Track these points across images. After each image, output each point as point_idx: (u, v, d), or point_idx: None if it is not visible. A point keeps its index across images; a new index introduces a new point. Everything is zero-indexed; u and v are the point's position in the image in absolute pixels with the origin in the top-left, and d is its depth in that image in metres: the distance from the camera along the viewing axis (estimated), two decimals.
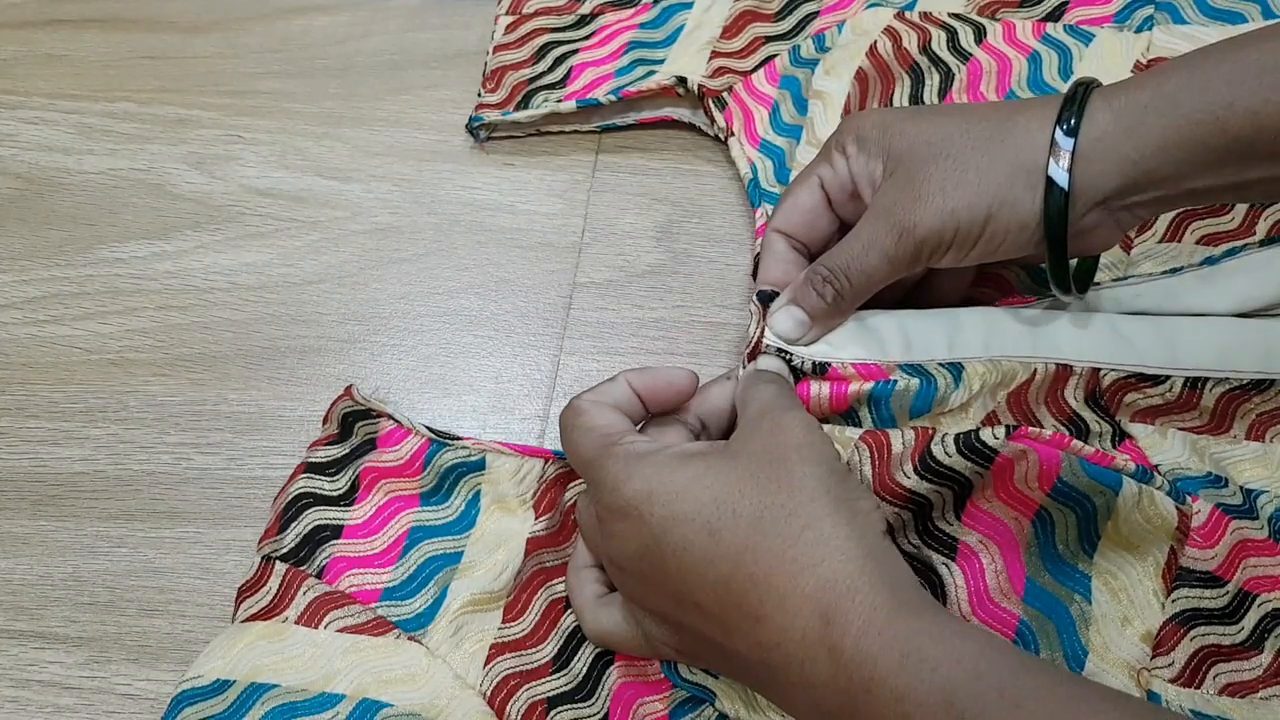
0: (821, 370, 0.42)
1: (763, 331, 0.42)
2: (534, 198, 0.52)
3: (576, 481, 0.42)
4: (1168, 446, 0.40)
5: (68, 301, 0.50)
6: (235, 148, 0.54)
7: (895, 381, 0.41)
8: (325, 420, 0.45)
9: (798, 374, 0.43)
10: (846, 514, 0.32)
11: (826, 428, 0.40)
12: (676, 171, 0.52)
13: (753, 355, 0.43)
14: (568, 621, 0.40)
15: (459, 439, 0.43)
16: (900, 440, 0.38)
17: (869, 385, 0.41)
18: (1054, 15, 0.50)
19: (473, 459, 0.43)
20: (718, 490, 0.32)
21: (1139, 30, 0.49)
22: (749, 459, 0.34)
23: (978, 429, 0.37)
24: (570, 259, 0.50)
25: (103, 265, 0.51)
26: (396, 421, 0.44)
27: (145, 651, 0.42)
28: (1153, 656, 0.36)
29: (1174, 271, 0.43)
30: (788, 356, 0.43)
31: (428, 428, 0.43)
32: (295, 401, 0.47)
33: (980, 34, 0.50)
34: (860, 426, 0.41)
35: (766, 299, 0.42)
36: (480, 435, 0.46)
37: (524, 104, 0.53)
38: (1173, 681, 0.36)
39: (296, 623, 0.40)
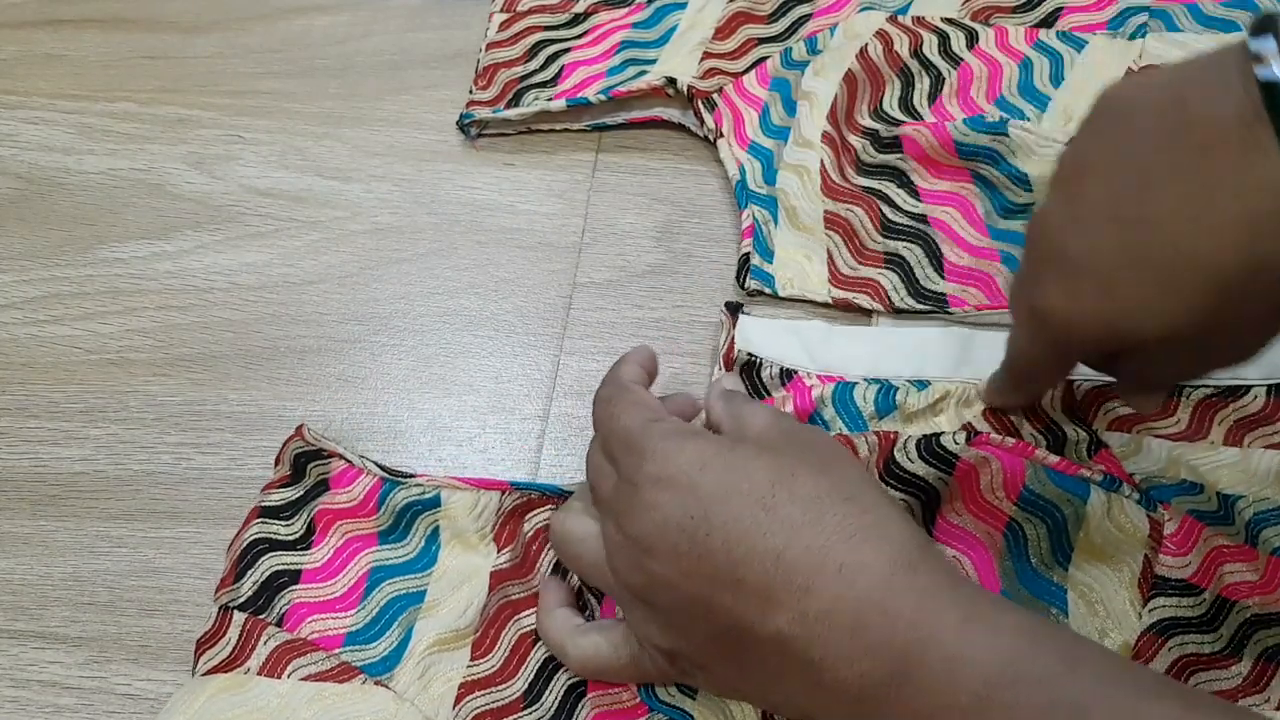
0: (787, 378, 0.43)
1: (733, 340, 0.44)
2: (534, 198, 0.52)
3: (535, 511, 0.41)
4: (1143, 454, 0.40)
5: (68, 301, 0.50)
6: (235, 148, 0.54)
7: (856, 384, 0.43)
8: (277, 462, 0.44)
9: (763, 388, 0.44)
10: (896, 505, 0.33)
11: None
12: (676, 171, 0.52)
13: (727, 361, 0.44)
14: (538, 655, 0.39)
15: (412, 476, 0.42)
16: (865, 445, 0.38)
17: (831, 385, 0.43)
18: (1047, 21, 0.50)
19: (427, 496, 0.42)
20: (772, 472, 0.32)
21: (1132, 37, 0.49)
22: (795, 450, 0.34)
23: (939, 434, 0.38)
24: (570, 259, 0.50)
25: (103, 265, 0.51)
26: (347, 461, 0.43)
27: (145, 651, 0.42)
28: None
29: None
30: (757, 362, 0.44)
31: (379, 466, 0.42)
32: (295, 401, 0.47)
33: (972, 39, 0.50)
34: (828, 428, 0.42)
35: (735, 309, 0.45)
36: (480, 435, 0.46)
37: (515, 102, 0.53)
38: None
39: (259, 673, 0.39)
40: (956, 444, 0.37)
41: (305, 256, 0.51)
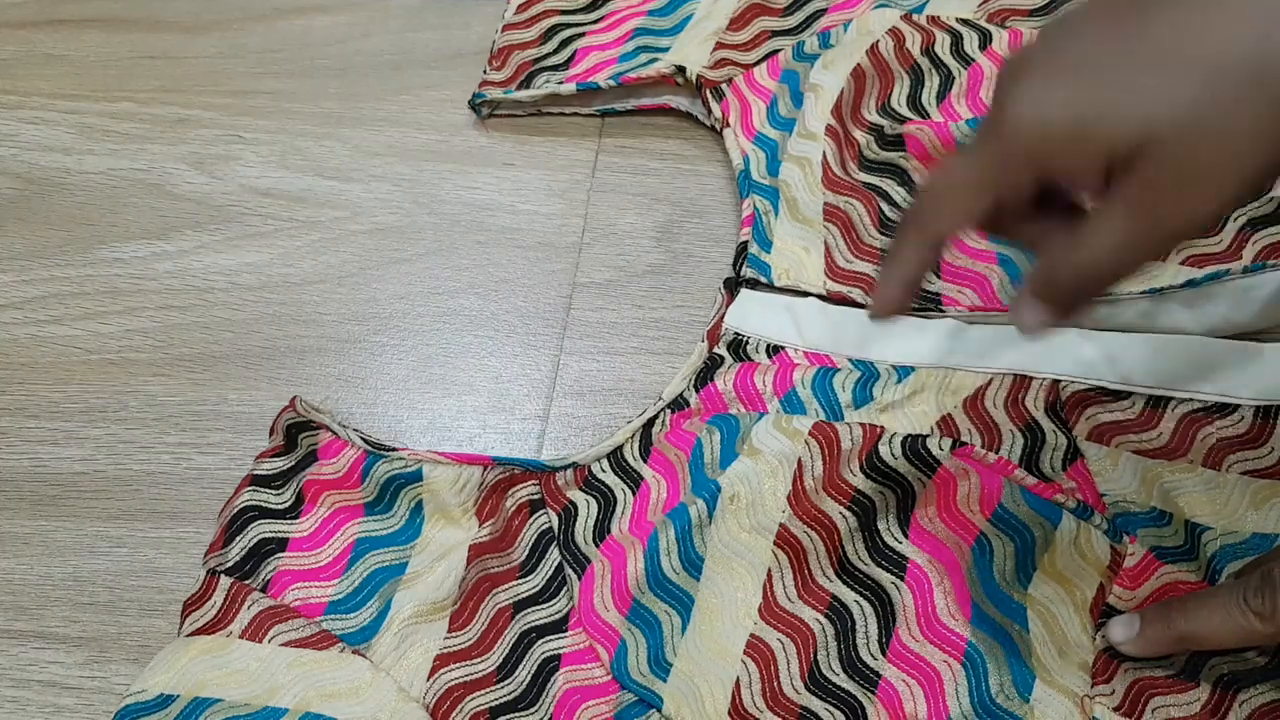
0: (773, 352, 0.44)
1: (722, 316, 0.45)
2: (534, 198, 0.52)
3: (518, 486, 0.42)
4: (1117, 474, 0.40)
5: (68, 301, 0.50)
6: (235, 148, 0.54)
7: (839, 370, 0.43)
8: (272, 432, 0.45)
9: (747, 356, 0.45)
10: None
11: (773, 414, 0.41)
12: (676, 171, 0.52)
13: (713, 335, 0.45)
14: (514, 630, 0.40)
15: (394, 450, 0.42)
16: (849, 437, 0.39)
17: (813, 369, 0.43)
18: None
19: (409, 470, 0.42)
20: None
21: None
22: None
23: (924, 436, 0.38)
24: (570, 259, 0.50)
25: (103, 265, 0.51)
26: (333, 433, 0.43)
27: (145, 651, 0.42)
28: (1093, 684, 0.37)
29: (1154, 292, 0.42)
30: (744, 340, 0.45)
31: (363, 438, 0.43)
32: None
33: (985, 40, 0.50)
34: (803, 408, 0.42)
35: (733, 284, 0.46)
36: (480, 435, 0.46)
37: (526, 84, 0.53)
38: (1116, 710, 0.36)
39: (241, 637, 0.40)
40: (941, 450, 0.37)
41: (305, 256, 0.51)
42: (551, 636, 0.40)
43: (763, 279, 0.47)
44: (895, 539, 0.39)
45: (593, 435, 0.46)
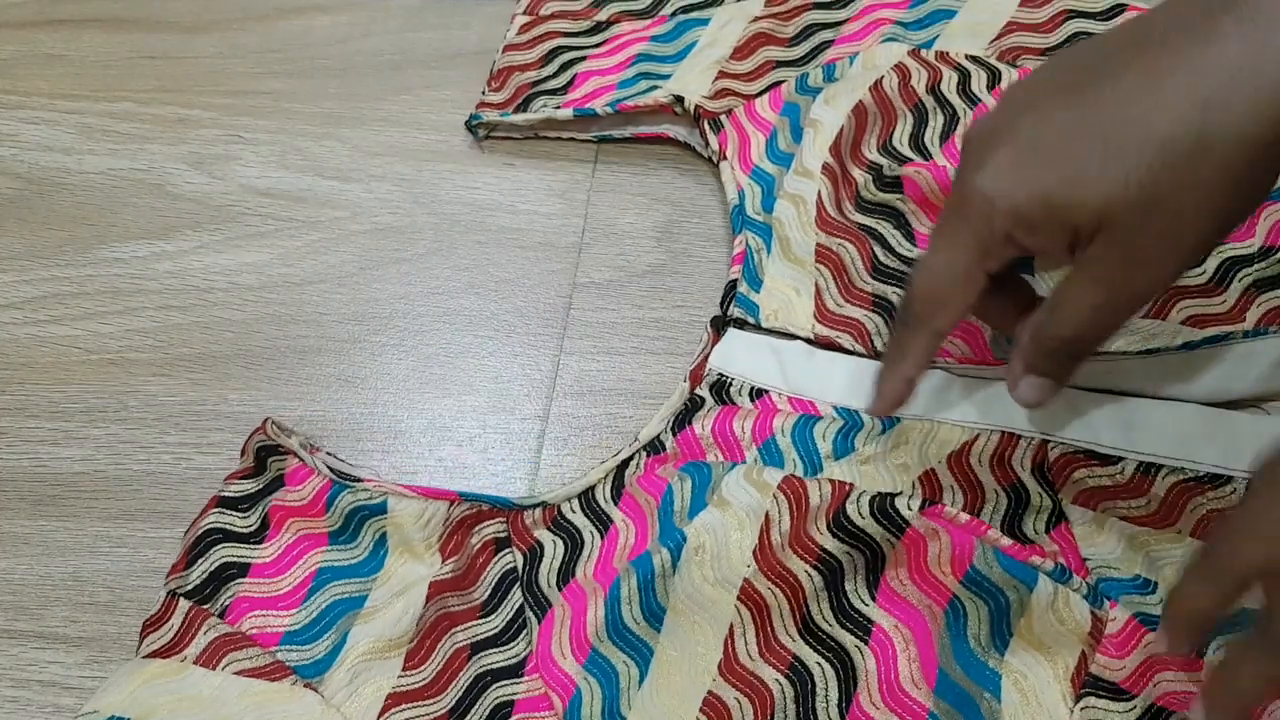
0: (757, 396, 0.43)
1: (707, 355, 0.44)
2: (534, 198, 0.52)
3: (484, 524, 0.41)
4: (1102, 540, 0.38)
5: (68, 301, 0.50)
6: (235, 148, 0.54)
7: (821, 418, 0.42)
8: (243, 453, 0.44)
9: (730, 403, 0.43)
10: None
11: (745, 465, 0.40)
12: (676, 171, 0.52)
13: (695, 376, 0.44)
14: (470, 671, 0.39)
15: (359, 480, 0.42)
16: (817, 493, 0.37)
17: (795, 416, 0.42)
18: None
19: (374, 502, 0.42)
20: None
21: None
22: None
23: (894, 495, 0.37)
24: (570, 259, 0.50)
25: (103, 265, 0.51)
26: (300, 459, 0.43)
27: None
28: None
29: (1151, 353, 0.41)
30: (728, 381, 0.44)
31: (330, 468, 0.42)
32: (295, 401, 0.47)
33: (994, 79, 0.49)
34: (782, 457, 0.41)
35: (720, 324, 0.45)
36: (480, 435, 0.46)
37: (523, 107, 0.53)
38: None
39: (195, 663, 0.39)
40: (910, 510, 0.36)
41: (305, 256, 0.51)
42: (507, 681, 0.39)
43: (750, 319, 0.45)
44: (862, 601, 0.38)
45: (593, 435, 0.46)
